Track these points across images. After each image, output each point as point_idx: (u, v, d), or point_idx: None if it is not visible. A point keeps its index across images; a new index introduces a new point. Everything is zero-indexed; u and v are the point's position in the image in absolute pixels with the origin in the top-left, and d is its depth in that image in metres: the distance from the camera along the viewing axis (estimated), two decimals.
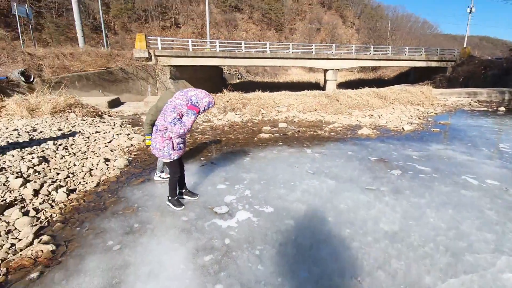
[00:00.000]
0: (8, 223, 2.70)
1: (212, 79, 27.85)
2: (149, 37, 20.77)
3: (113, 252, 2.38)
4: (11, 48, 15.27)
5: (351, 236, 2.61)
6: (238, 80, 38.72)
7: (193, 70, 23.42)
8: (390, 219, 2.91)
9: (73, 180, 3.70)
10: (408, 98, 10.90)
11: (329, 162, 4.61)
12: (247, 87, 21.13)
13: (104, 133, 5.83)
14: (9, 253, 2.34)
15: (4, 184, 3.29)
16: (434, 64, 27.62)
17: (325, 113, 8.80)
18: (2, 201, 3.00)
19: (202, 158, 4.76)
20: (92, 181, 3.72)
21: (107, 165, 4.26)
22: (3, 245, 2.41)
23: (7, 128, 5.41)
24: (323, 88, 25.54)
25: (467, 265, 2.25)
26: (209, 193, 3.47)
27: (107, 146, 5.11)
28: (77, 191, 3.46)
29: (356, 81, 34.98)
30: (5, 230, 2.60)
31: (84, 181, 3.72)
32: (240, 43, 23.83)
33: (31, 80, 13.40)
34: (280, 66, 38.21)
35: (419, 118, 8.46)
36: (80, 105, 7.49)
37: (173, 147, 2.85)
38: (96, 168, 4.11)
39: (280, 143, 5.71)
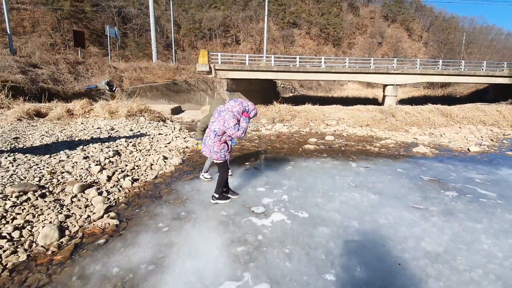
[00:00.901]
0: (87, 199, 3.33)
1: (265, 92, 28.75)
2: (211, 53, 22.63)
3: (162, 233, 2.75)
4: (101, 62, 18.29)
5: (387, 251, 2.53)
6: (291, 94, 39.08)
7: (248, 83, 24.56)
8: (435, 240, 2.71)
9: (137, 172, 4.33)
10: (480, 118, 9.68)
11: (374, 177, 4.44)
12: (299, 101, 21.22)
13: (165, 135, 6.61)
14: (85, 222, 2.89)
15: (87, 169, 4.05)
16: None
17: (377, 129, 8.40)
18: (84, 181, 3.70)
19: (246, 163, 5.05)
20: (152, 174, 4.30)
21: (165, 162, 4.85)
22: (82, 215, 3.00)
23: (92, 126, 6.56)
24: (381, 104, 24.18)
25: None
26: (249, 194, 3.70)
27: (166, 146, 5.80)
28: (139, 180, 4.05)
29: (421, 98, 32.10)
30: (84, 205, 3.22)
31: (145, 173, 4.32)
32: (295, 58, 24.25)
33: (113, 89, 15.79)
34: (334, 81, 37.44)
35: (491, 139, 7.47)
36: (149, 110, 8.61)
37: (227, 149, 3.21)
38: (156, 164, 4.72)
39: (325, 155, 5.69)
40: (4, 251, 2.35)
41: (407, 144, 6.82)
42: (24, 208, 2.93)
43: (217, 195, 3.42)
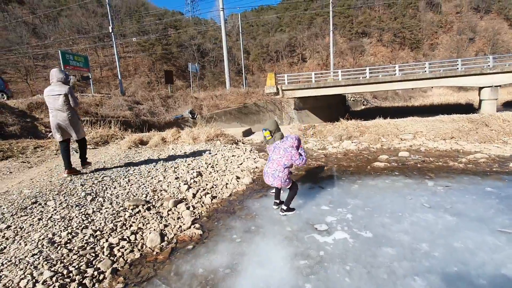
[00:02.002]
0: (178, 212, 4.13)
1: (333, 107, 28.13)
2: (277, 75, 23.76)
3: (236, 243, 3.23)
4: (185, 94, 21.32)
5: (458, 275, 2.39)
6: (363, 107, 37.03)
7: (315, 99, 24.58)
8: None
9: (215, 190, 5.05)
10: None
11: (455, 198, 4.05)
12: (372, 113, 19.94)
13: (237, 157, 7.38)
14: (178, 231, 3.62)
15: (178, 188, 4.97)
16: None
17: (465, 142, 7.41)
18: (176, 198, 4.57)
19: (311, 182, 5.26)
20: (227, 192, 4.95)
21: (238, 181, 5.48)
22: (175, 225, 3.75)
23: (180, 151, 7.84)
24: (477, 111, 20.64)
25: None
26: (312, 212, 3.91)
27: (239, 167, 6.49)
28: (217, 197, 4.73)
29: None
30: (177, 217, 4.00)
31: (222, 191, 5.00)
32: (365, 69, 23.26)
33: (195, 116, 18.14)
34: (412, 89, 33.80)
35: None
36: (223, 135, 9.69)
37: (289, 174, 3.76)
38: (230, 183, 5.39)
39: (396, 173, 5.42)
40: (126, 249, 3.19)
41: (504, 158, 5.84)
42: (137, 218, 3.87)
43: (285, 207, 3.82)
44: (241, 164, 6.72)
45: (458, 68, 21.14)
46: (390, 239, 3.07)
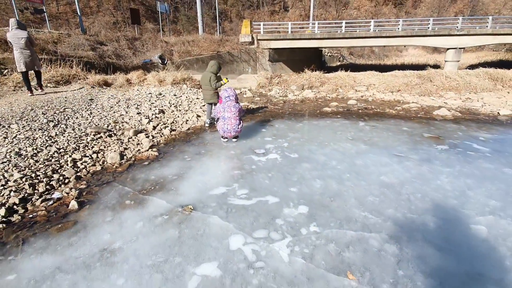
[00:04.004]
0: (138, 140, 4.60)
1: (309, 61, 28.05)
2: (253, 23, 22.82)
3: (186, 161, 3.84)
4: (154, 38, 20.11)
5: (349, 180, 3.20)
6: (339, 63, 37.21)
7: (291, 52, 24.32)
8: (396, 176, 3.27)
9: (175, 125, 5.51)
10: None
11: (375, 133, 4.89)
12: (346, 69, 20.39)
13: (202, 99, 7.73)
14: (137, 153, 4.14)
15: (139, 121, 5.36)
16: None
17: (408, 94, 8.28)
18: (137, 129, 5.00)
19: (264, 121, 5.87)
20: (186, 127, 5.44)
21: (198, 119, 5.95)
22: (134, 149, 4.26)
23: (145, 92, 8.00)
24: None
25: (438, 211, 2.55)
26: (257, 141, 4.57)
27: (201, 107, 6.90)
28: (176, 130, 5.22)
29: (495, 63, 27.76)
30: (136, 143, 4.48)
31: (181, 126, 5.48)
32: (341, 23, 23.00)
33: (165, 62, 17.52)
34: (385, 46, 34.22)
35: None
36: (190, 79, 9.81)
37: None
38: (190, 120, 5.85)
39: (339, 116, 6.17)
40: (88, 164, 3.68)
41: (432, 108, 6.78)
42: (99, 142, 4.30)
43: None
44: (203, 105, 7.12)
45: (429, 28, 21.62)
46: (310, 158, 3.83)
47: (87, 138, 4.32)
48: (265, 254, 2.07)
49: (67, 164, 3.54)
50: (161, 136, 4.86)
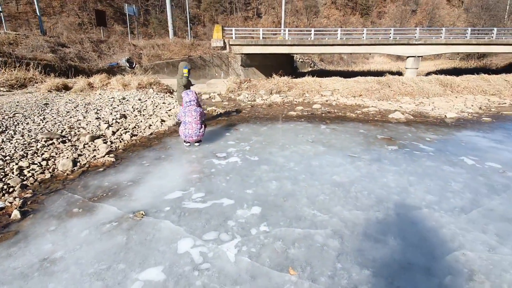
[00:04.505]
0: (95, 146, 4.42)
1: (281, 67, 28.61)
2: (225, 28, 22.92)
3: (144, 166, 3.76)
4: (122, 40, 19.48)
5: (304, 180, 3.33)
6: (310, 69, 38.37)
7: (263, 57, 24.69)
8: (347, 175, 3.46)
9: (137, 130, 5.37)
10: (483, 87, 9.57)
11: (334, 136, 5.12)
12: (317, 75, 21.10)
13: (168, 104, 7.61)
14: (92, 159, 3.98)
15: (97, 126, 5.16)
16: None
17: (368, 99, 8.77)
18: (94, 134, 4.80)
19: (229, 125, 5.91)
20: (148, 132, 5.32)
21: (162, 124, 5.85)
22: (90, 155, 4.09)
23: (108, 96, 7.71)
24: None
25: (381, 207, 2.74)
26: (219, 145, 4.59)
27: (167, 112, 6.79)
28: (137, 136, 5.09)
29: (451, 70, 30.24)
30: (92, 149, 4.31)
31: (144, 131, 5.35)
32: (310, 30, 23.80)
33: (133, 66, 17.00)
34: (351, 54, 35.95)
35: (480, 108, 7.60)
36: (157, 83, 9.63)
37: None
38: (154, 125, 5.74)
39: (302, 120, 6.38)
40: (36, 172, 3.48)
41: (389, 111, 7.23)
42: (50, 149, 4.08)
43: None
44: (170, 110, 7.02)
45: (390, 37, 23.07)
46: (270, 161, 3.92)
47: (37, 145, 4.08)
48: (212, 255, 2.09)
49: (13, 172, 3.32)
50: (120, 142, 4.71)
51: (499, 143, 4.72)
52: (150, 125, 5.71)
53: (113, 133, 4.99)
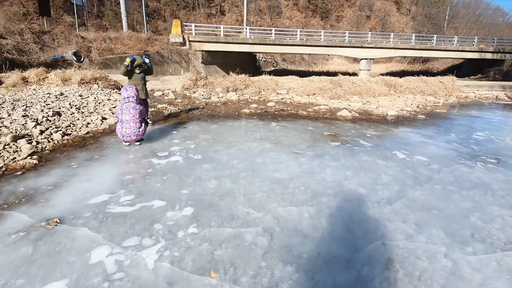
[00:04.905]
0: (17, 146, 3.91)
1: (244, 65, 28.59)
2: (184, 23, 22.22)
3: (72, 168, 3.40)
4: (68, 32, 17.84)
5: (245, 177, 3.27)
6: (272, 68, 38.93)
7: (225, 55, 24.41)
8: (288, 172, 3.48)
9: (72, 128, 4.89)
10: (421, 88, 10.48)
11: (283, 133, 5.17)
12: (279, 74, 21.34)
13: (114, 101, 7.08)
14: (10, 162, 3.50)
15: (23, 125, 4.58)
16: (489, 56, 24.74)
17: (321, 97, 9.07)
18: (18, 134, 4.25)
19: (179, 123, 5.67)
20: (85, 130, 4.87)
21: (102, 122, 5.41)
22: (9, 157, 3.60)
23: (43, 92, 6.94)
24: None
25: (314, 202, 2.78)
26: (163, 144, 4.36)
27: (111, 109, 6.31)
28: (71, 135, 4.62)
29: (399, 72, 32.83)
30: (14, 150, 3.80)
31: (79, 130, 4.89)
32: (271, 30, 24.09)
33: (81, 60, 15.65)
34: (310, 54, 37.35)
35: (417, 107, 8.29)
36: (104, 79, 8.94)
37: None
38: (93, 123, 5.27)
39: (255, 117, 6.36)
40: None
41: (338, 109, 7.54)
42: None
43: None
44: (114, 107, 6.53)
45: (346, 40, 24.29)
46: (213, 159, 3.81)
47: None
48: (129, 263, 1.92)
49: None
50: (49, 142, 4.23)
51: (429, 138, 5.16)
52: (88, 123, 5.24)
53: (41, 132, 4.47)
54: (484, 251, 2.18)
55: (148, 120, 5.54)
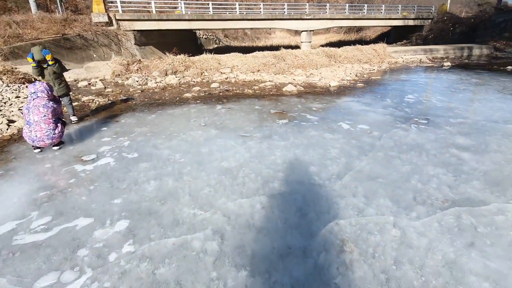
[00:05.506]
0: None
1: (183, 44, 26.75)
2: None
3: None
4: None
5: (187, 174, 2.95)
6: (215, 46, 37.33)
7: (161, 34, 22.41)
8: (237, 159, 3.25)
9: None
10: (358, 57, 10.97)
11: (229, 116, 4.87)
12: (223, 52, 20.32)
13: (24, 98, 5.88)
14: None
15: None
16: (411, 22, 27.03)
17: (266, 73, 8.88)
18: None
19: (109, 117, 4.95)
20: None
21: (9, 125, 4.42)
22: None
23: None
24: None
25: (266, 189, 2.63)
26: (90, 145, 3.72)
27: (20, 109, 5.21)
28: None
29: (337, 42, 34.25)
30: None
31: None
32: (208, 4, 22.63)
33: None
34: (251, 29, 36.72)
35: (356, 75, 8.65)
36: (11, 71, 7.37)
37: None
38: None
39: (198, 101, 5.90)
40: None
41: (283, 84, 7.45)
42: None
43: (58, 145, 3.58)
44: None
45: (285, 12, 24.12)
46: (152, 155, 3.37)
47: None
48: None
49: None
50: None
51: (368, 105, 5.38)
52: None
53: None
54: (426, 213, 2.28)
55: (73, 118, 4.74)
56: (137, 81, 8.03)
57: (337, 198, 2.50)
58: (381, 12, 26.68)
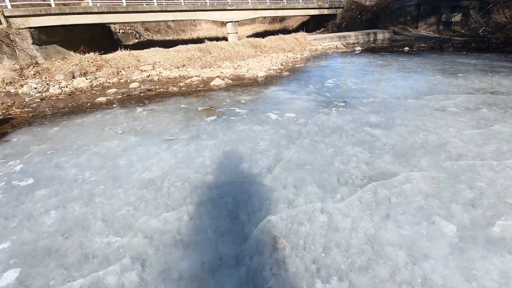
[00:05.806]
0: None
1: (96, 41, 23.75)
2: None
3: None
4: None
5: (100, 195, 2.53)
6: (136, 40, 34.26)
7: (67, 30, 19.37)
8: (161, 167, 2.94)
9: None
10: (282, 46, 11.32)
11: (151, 119, 4.43)
12: (145, 47, 18.54)
13: None
14: None
15: None
16: (326, 11, 29.19)
17: (192, 68, 8.45)
18: None
19: None
20: None
21: None
22: None
23: None
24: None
25: (194, 197, 2.43)
26: None
27: None
28: None
29: (262, 33, 35.00)
30: None
31: None
32: None
33: None
34: (173, 21, 34.98)
35: (281, 64, 8.90)
36: None
37: None
38: None
39: (114, 106, 5.24)
40: None
41: (211, 78, 7.18)
42: None
43: None
44: None
45: (207, 3, 23.39)
46: (54, 178, 2.81)
47: None
48: None
49: None
50: None
51: (293, 93, 5.55)
52: None
53: None
54: (348, 193, 2.39)
55: None
56: (35, 88, 6.73)
57: (268, 192, 2.45)
58: (299, 2, 28.10)
